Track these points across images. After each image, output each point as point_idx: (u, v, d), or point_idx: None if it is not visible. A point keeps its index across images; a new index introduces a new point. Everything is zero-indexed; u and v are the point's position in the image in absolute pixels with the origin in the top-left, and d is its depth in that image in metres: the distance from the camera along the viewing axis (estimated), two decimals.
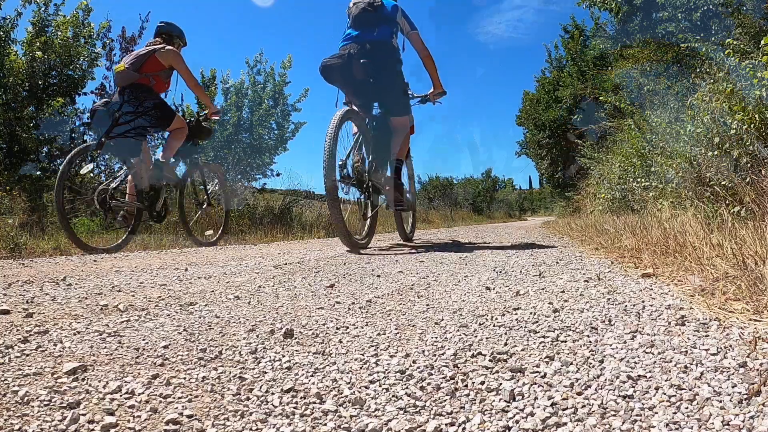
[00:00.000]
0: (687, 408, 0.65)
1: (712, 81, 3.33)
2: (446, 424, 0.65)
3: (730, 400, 0.66)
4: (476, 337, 1.01)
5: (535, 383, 0.76)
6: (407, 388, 0.76)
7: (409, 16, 3.25)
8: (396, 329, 1.09)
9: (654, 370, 0.78)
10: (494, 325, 1.10)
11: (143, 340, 1.01)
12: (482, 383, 0.77)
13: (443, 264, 2.32)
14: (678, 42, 6.09)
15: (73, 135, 5.84)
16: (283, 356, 0.92)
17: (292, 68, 8.04)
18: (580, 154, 9.50)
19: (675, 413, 0.64)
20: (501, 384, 0.76)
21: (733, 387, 0.70)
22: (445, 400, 0.72)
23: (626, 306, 1.21)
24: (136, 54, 3.63)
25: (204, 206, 4.43)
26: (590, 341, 0.95)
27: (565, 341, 0.96)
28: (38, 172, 5.49)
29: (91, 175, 3.52)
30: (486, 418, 0.66)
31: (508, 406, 0.69)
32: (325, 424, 0.65)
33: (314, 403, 0.72)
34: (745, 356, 0.81)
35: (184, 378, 0.81)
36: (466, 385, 0.77)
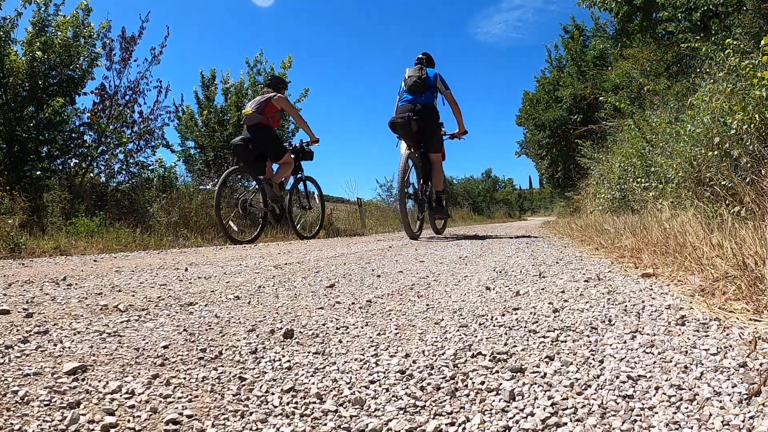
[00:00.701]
0: (687, 408, 0.65)
1: (712, 81, 3.34)
2: (446, 424, 0.65)
3: (730, 400, 0.66)
4: (476, 337, 1.01)
5: (535, 383, 0.76)
6: (407, 388, 0.76)
7: (444, 79, 4.56)
8: (396, 329, 1.09)
9: (654, 370, 0.78)
10: (494, 325, 1.10)
11: (143, 340, 1.01)
12: (482, 383, 0.77)
13: (443, 264, 2.32)
14: (678, 42, 6.08)
15: (73, 135, 5.84)
16: (283, 356, 0.92)
17: (292, 68, 8.05)
18: (580, 154, 9.49)
19: (675, 413, 0.64)
20: (501, 384, 0.76)
21: (733, 387, 0.70)
22: (445, 400, 0.72)
23: (626, 306, 1.21)
24: (258, 101, 4.89)
25: (306, 209, 5.76)
26: (590, 341, 0.95)
27: (565, 341, 0.96)
28: (38, 172, 5.49)
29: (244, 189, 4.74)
30: (486, 418, 0.66)
31: (508, 406, 0.69)
32: (325, 424, 0.65)
33: (314, 403, 0.72)
34: (745, 356, 0.81)
35: (184, 378, 0.81)
36: (466, 385, 0.77)
